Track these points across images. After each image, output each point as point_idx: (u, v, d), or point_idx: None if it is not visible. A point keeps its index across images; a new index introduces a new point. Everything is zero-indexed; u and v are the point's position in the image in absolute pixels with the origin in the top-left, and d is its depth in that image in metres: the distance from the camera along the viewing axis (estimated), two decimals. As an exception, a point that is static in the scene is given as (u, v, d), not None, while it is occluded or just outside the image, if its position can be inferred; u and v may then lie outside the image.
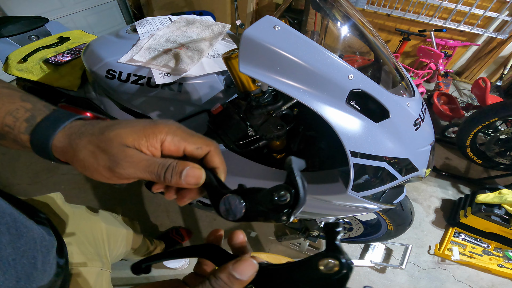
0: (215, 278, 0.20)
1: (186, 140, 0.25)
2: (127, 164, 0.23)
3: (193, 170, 0.23)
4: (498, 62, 2.42)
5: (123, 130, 0.24)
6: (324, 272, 0.19)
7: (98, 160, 0.24)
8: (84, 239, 0.57)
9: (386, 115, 0.49)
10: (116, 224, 0.75)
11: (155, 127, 0.24)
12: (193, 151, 0.25)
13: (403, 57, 2.75)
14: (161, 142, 0.24)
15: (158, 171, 0.23)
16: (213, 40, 0.71)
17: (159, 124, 0.25)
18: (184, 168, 0.23)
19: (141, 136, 0.24)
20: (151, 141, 0.24)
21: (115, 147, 0.23)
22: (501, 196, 1.31)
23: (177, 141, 0.25)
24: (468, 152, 1.70)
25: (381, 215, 0.97)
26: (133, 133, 0.24)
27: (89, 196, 1.55)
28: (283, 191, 0.21)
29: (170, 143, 0.25)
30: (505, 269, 1.30)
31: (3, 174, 1.62)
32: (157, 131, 0.24)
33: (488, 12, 2.10)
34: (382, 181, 0.54)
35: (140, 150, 0.24)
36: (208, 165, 0.26)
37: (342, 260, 0.19)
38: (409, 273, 1.33)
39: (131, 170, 0.23)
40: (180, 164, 0.24)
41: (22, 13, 2.11)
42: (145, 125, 0.25)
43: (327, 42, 0.72)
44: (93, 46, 0.73)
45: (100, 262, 0.57)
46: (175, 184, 0.24)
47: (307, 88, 0.43)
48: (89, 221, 0.63)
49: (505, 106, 1.45)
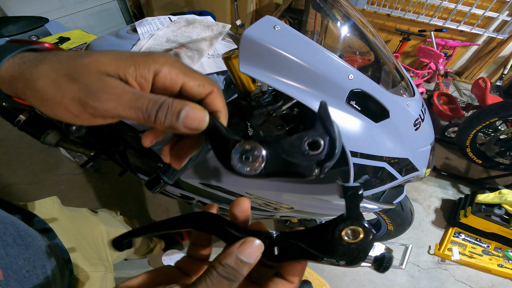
0: (222, 266, 0.18)
1: (186, 75, 0.20)
2: (106, 96, 0.17)
3: (194, 110, 0.18)
4: (498, 62, 2.42)
5: (103, 57, 0.19)
6: (346, 241, 0.18)
7: (64, 91, 0.18)
8: (85, 244, 0.56)
9: (386, 115, 0.49)
10: (116, 224, 0.75)
11: (148, 56, 0.19)
12: (193, 88, 0.20)
13: (403, 57, 2.75)
14: (154, 73, 0.19)
15: (148, 108, 0.18)
16: (213, 40, 0.71)
17: (154, 54, 0.20)
18: (182, 108, 0.18)
19: (128, 63, 0.18)
20: (142, 71, 0.19)
21: (91, 74, 0.18)
22: (501, 196, 1.31)
23: (175, 75, 0.20)
24: (468, 152, 1.70)
25: (381, 215, 0.97)
26: (117, 60, 0.18)
27: (89, 196, 1.55)
28: (317, 137, 0.17)
29: (166, 76, 0.19)
30: (505, 269, 1.30)
31: (3, 174, 1.62)
32: (151, 60, 0.19)
33: (488, 12, 2.10)
34: (382, 181, 0.54)
35: (125, 81, 0.19)
36: (208, 108, 0.21)
37: (367, 228, 0.17)
38: (409, 273, 1.33)
39: (110, 104, 0.17)
40: (177, 102, 0.18)
41: (22, 13, 2.11)
42: (135, 53, 0.20)
43: (327, 42, 0.72)
44: (93, 46, 0.73)
45: (103, 266, 0.57)
46: (169, 128, 0.18)
47: (307, 88, 0.43)
48: (88, 225, 0.63)
49: (505, 106, 1.45)
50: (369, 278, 1.30)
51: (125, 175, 1.13)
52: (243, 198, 0.23)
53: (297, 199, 0.65)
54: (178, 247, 1.34)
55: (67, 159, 1.71)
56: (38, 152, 1.74)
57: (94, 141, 0.99)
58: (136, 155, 0.78)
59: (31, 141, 1.76)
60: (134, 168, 0.85)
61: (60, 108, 0.18)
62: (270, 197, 0.66)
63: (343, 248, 0.18)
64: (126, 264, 1.28)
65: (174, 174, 0.47)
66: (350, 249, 0.18)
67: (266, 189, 0.63)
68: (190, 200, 0.88)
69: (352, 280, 1.28)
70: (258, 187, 0.63)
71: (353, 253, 0.18)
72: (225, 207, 0.81)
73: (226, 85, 0.69)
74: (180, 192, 0.83)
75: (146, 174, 0.82)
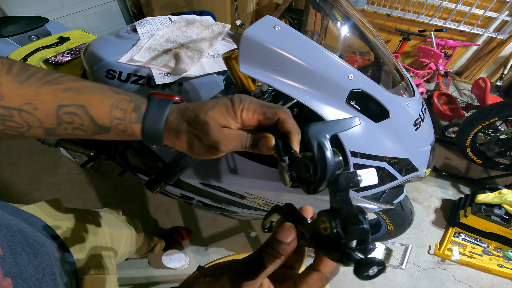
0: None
1: (257, 112, 0.29)
2: (227, 142, 0.29)
3: (264, 139, 0.28)
4: (498, 62, 2.42)
5: (213, 113, 0.29)
6: (323, 232, 0.18)
7: (203, 142, 0.29)
8: (88, 246, 0.56)
9: (386, 115, 0.49)
10: (118, 225, 0.75)
11: (234, 105, 0.29)
12: (263, 120, 0.30)
13: (403, 57, 2.75)
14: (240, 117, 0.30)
15: (244, 141, 0.29)
16: (213, 40, 0.71)
17: (236, 103, 0.29)
18: (260, 138, 0.29)
19: (227, 117, 0.29)
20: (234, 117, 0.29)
21: (213, 129, 0.28)
22: (501, 196, 1.31)
23: (251, 114, 0.29)
24: (468, 152, 1.70)
25: (381, 215, 0.97)
26: (222, 115, 0.29)
27: (89, 196, 1.55)
28: (306, 162, 0.21)
29: (245, 116, 0.29)
30: (505, 269, 1.30)
31: (3, 174, 1.62)
32: (235, 108, 0.29)
33: (488, 12, 2.10)
34: (382, 181, 0.54)
35: (229, 127, 0.30)
36: (281, 129, 0.29)
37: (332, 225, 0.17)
38: (409, 273, 1.33)
39: (230, 146, 0.29)
40: (256, 135, 0.29)
41: (22, 13, 2.11)
42: (227, 105, 0.29)
43: (327, 42, 0.72)
44: (93, 46, 0.73)
45: (106, 268, 0.56)
46: (256, 150, 0.29)
47: (307, 88, 0.43)
48: (91, 227, 0.62)
49: (505, 106, 1.45)
50: (369, 278, 1.30)
51: (125, 175, 1.13)
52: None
53: (297, 199, 0.65)
54: (178, 247, 1.35)
55: (67, 159, 1.71)
56: (38, 152, 1.74)
57: (94, 141, 0.99)
58: (136, 155, 0.78)
59: (31, 141, 1.76)
60: (134, 168, 0.85)
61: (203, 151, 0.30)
62: (270, 197, 0.66)
63: (324, 238, 0.18)
64: (126, 264, 1.28)
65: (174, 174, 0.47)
66: (330, 240, 0.17)
67: (266, 189, 0.63)
68: (190, 200, 0.89)
69: (352, 280, 1.28)
70: (258, 187, 0.63)
71: (333, 243, 0.17)
72: (225, 207, 0.81)
73: (226, 85, 0.69)
74: (180, 192, 0.83)
75: (146, 174, 0.82)
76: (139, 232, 0.88)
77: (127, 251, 0.77)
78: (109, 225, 0.68)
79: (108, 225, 0.68)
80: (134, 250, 0.82)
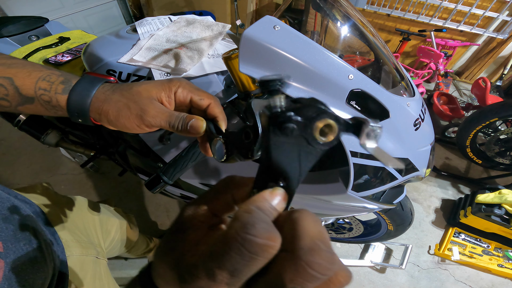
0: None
1: (192, 92, 0.31)
2: (154, 113, 0.29)
3: (196, 121, 0.29)
4: (498, 62, 2.42)
5: (148, 85, 0.30)
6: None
7: (131, 110, 0.29)
8: (75, 228, 0.56)
9: (386, 115, 0.49)
10: (108, 213, 0.74)
11: (170, 82, 0.30)
12: (197, 101, 0.31)
13: (403, 57, 2.75)
14: (174, 93, 0.30)
15: (174, 121, 0.29)
16: (213, 40, 0.71)
17: (173, 80, 0.31)
18: (190, 120, 0.29)
19: (161, 90, 0.30)
20: (168, 93, 0.30)
21: (144, 98, 0.29)
22: (501, 196, 1.31)
23: (186, 93, 0.30)
24: (468, 152, 1.70)
25: (381, 215, 0.97)
26: (155, 87, 0.30)
27: (89, 196, 1.55)
28: (246, 129, 0.24)
29: (180, 94, 0.30)
30: (505, 269, 1.30)
31: (3, 174, 1.62)
32: (172, 85, 0.30)
33: (488, 12, 2.10)
34: (382, 181, 0.54)
35: (161, 102, 0.30)
36: (209, 115, 0.31)
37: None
38: (409, 273, 1.33)
39: (157, 119, 0.29)
40: (188, 116, 0.29)
41: (22, 13, 2.11)
42: (163, 81, 0.31)
43: (327, 42, 0.72)
44: (93, 46, 0.73)
45: (95, 250, 0.56)
46: (184, 133, 0.29)
47: (307, 88, 0.43)
48: (79, 211, 0.62)
49: (505, 106, 1.45)
50: (369, 278, 1.30)
51: (125, 175, 1.13)
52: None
53: (297, 199, 0.65)
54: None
55: (67, 159, 1.71)
56: (38, 152, 1.74)
57: (94, 141, 0.99)
58: (136, 155, 0.78)
59: (31, 141, 1.76)
60: (134, 168, 0.84)
61: (129, 121, 0.29)
62: (270, 197, 0.66)
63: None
64: (126, 264, 1.28)
65: (174, 174, 0.47)
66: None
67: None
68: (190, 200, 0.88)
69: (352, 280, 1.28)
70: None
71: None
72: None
73: (226, 85, 0.69)
74: (180, 192, 0.83)
75: (146, 174, 0.82)
76: (132, 224, 0.88)
77: (119, 239, 0.76)
78: (99, 211, 0.68)
79: (98, 211, 0.68)
80: (125, 239, 0.81)
